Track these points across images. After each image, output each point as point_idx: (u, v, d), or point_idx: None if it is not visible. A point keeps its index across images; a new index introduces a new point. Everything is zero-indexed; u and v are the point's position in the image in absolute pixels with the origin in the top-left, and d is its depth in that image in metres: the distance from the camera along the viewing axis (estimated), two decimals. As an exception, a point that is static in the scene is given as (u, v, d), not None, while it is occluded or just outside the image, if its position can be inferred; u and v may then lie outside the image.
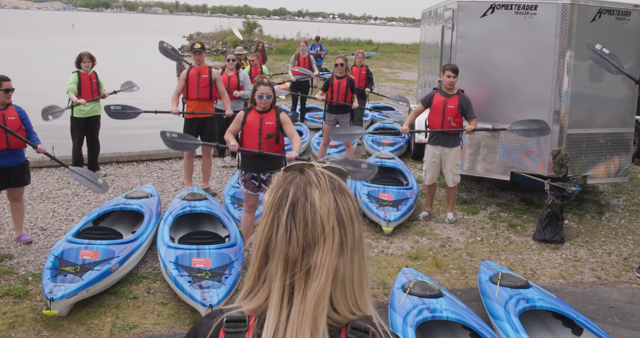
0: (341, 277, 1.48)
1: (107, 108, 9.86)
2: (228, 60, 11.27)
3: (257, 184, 7.25)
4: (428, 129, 9.08)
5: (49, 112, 9.86)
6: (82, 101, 10.16)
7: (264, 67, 13.84)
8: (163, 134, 7.69)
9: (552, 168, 8.78)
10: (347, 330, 1.48)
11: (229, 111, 9.92)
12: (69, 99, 10.28)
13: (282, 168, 1.57)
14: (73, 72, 10.35)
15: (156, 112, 10.12)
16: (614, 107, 9.34)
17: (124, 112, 9.84)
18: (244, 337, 1.48)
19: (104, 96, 10.59)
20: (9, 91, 7.36)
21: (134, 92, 11.65)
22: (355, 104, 11.17)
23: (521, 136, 8.85)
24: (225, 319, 1.52)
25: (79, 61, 10.31)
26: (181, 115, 9.81)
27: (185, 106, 9.81)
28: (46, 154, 7.79)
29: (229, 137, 7.23)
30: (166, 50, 10.86)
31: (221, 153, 12.21)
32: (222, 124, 10.41)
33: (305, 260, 1.44)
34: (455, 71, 8.68)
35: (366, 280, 1.56)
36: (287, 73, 17.10)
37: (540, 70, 8.98)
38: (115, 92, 10.90)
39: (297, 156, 7.13)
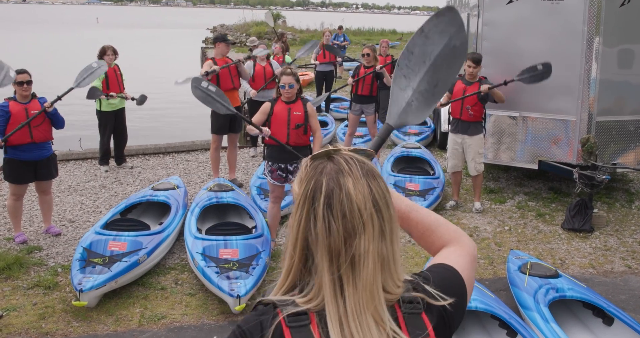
0: (386, 261, 1.47)
1: (196, 81, 7.00)
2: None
3: (283, 175, 7.23)
4: (451, 116, 9.04)
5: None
6: (113, 94, 10.23)
7: (287, 57, 13.82)
8: (197, 80, 6.83)
9: (581, 156, 8.66)
10: (400, 306, 1.50)
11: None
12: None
13: (309, 156, 1.53)
14: None
15: (249, 122, 7.60)
16: (644, 94, 9.17)
17: (210, 97, 6.97)
18: (309, 329, 1.44)
19: (126, 97, 10.57)
20: (24, 83, 7.38)
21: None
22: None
23: (531, 83, 8.61)
24: (285, 315, 1.45)
25: (102, 54, 10.34)
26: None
27: None
28: (54, 101, 7.60)
29: (253, 127, 7.20)
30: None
31: (253, 142, 12.26)
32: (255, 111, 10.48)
33: (348, 250, 1.43)
34: (476, 61, 8.60)
35: (399, 253, 1.55)
36: (310, 66, 17.12)
37: (567, 57, 8.83)
38: (133, 98, 10.66)
39: None
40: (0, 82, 7.42)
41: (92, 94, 9.84)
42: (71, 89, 7.96)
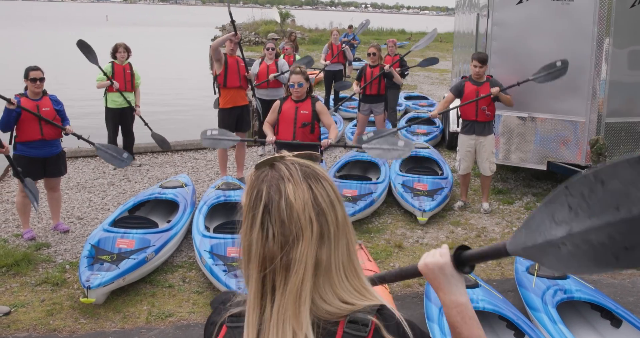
0: (325, 267, 1.43)
1: (204, 134, 7.85)
2: (267, 49, 11.29)
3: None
4: (461, 118, 9.00)
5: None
6: (116, 84, 10.23)
7: (297, 56, 13.84)
8: (204, 133, 7.47)
9: (590, 157, 8.63)
10: (345, 323, 1.43)
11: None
12: (105, 90, 10.41)
13: (254, 166, 1.52)
14: (108, 63, 10.44)
15: (255, 141, 8.97)
16: (653, 95, 9.13)
17: (218, 140, 7.85)
18: (242, 330, 1.47)
19: (136, 105, 10.69)
20: (37, 80, 7.41)
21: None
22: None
23: (546, 81, 8.56)
24: (228, 315, 1.54)
25: (114, 52, 10.40)
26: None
27: (221, 95, 9.84)
28: (74, 134, 7.81)
29: (266, 129, 7.25)
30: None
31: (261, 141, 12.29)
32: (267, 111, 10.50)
33: (285, 257, 1.41)
34: (482, 60, 8.56)
35: (358, 264, 1.51)
36: (319, 67, 17.15)
37: (577, 58, 8.79)
38: (146, 124, 10.89)
39: (331, 143, 7.10)
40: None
41: (163, 145, 10.62)
42: (93, 144, 8.19)
